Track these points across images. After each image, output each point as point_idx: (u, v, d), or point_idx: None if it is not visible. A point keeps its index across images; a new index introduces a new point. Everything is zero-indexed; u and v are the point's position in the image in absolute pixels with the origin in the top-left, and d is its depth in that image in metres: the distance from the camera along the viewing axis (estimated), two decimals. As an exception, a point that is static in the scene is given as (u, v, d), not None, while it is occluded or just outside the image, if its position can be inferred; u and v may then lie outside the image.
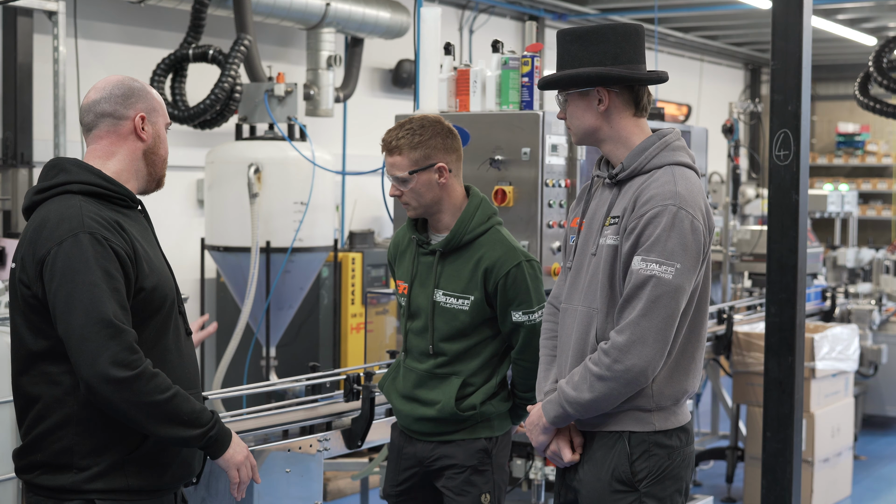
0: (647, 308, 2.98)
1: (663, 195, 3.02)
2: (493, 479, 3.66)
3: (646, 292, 2.98)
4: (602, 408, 3.08)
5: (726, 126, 8.71)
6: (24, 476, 2.94)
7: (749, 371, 6.60)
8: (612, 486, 3.10)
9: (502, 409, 3.68)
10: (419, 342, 3.67)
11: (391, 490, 3.78)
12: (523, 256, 3.60)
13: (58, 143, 6.73)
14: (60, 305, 2.74)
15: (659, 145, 3.13)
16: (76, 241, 2.75)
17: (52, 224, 2.79)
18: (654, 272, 2.97)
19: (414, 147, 3.56)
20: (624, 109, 3.16)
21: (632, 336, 2.98)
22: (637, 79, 3.14)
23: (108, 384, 2.72)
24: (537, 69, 4.91)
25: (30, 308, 2.82)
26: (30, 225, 2.87)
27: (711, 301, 3.26)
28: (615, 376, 3.00)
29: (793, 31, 4.37)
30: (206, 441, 2.88)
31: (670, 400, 3.10)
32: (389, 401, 3.79)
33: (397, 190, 3.60)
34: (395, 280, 3.80)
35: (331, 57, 8.51)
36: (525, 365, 3.64)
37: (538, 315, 3.59)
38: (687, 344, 3.11)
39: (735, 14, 12.30)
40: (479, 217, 3.63)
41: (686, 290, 3.01)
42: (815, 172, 16.16)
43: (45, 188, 2.88)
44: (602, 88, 3.14)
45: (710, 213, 3.11)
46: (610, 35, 3.14)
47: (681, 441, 3.14)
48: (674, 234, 2.98)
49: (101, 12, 7.67)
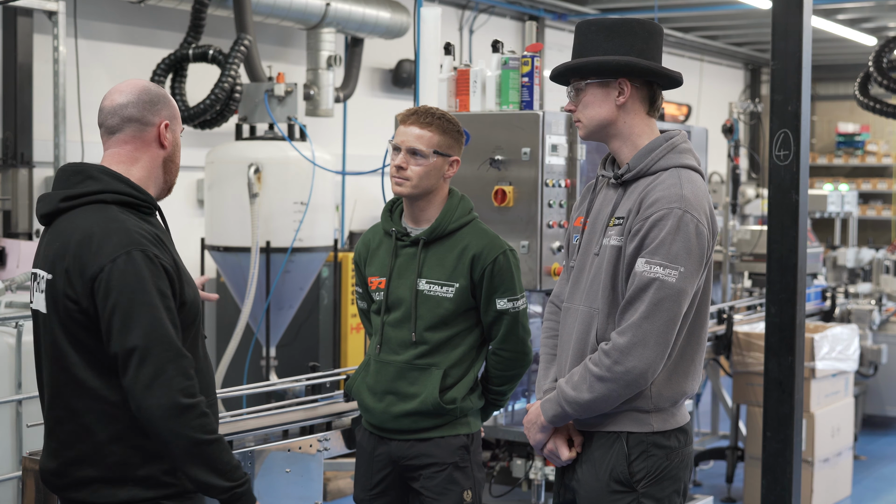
0: (649, 311, 2.97)
1: (669, 198, 3.01)
2: (474, 476, 3.66)
3: (649, 295, 2.98)
4: (601, 408, 3.07)
5: (726, 126, 8.71)
6: (76, 493, 2.81)
7: (749, 371, 6.60)
8: (610, 486, 3.10)
9: (478, 406, 3.70)
10: (398, 333, 3.65)
11: (364, 495, 3.74)
12: (506, 246, 3.66)
13: (58, 143, 6.73)
14: (117, 324, 2.68)
15: (665, 147, 3.12)
16: (130, 258, 2.70)
17: (100, 238, 2.72)
18: (658, 275, 2.97)
19: (445, 132, 3.62)
20: (640, 106, 3.16)
21: (633, 338, 2.98)
22: (665, 74, 3.14)
23: (162, 409, 2.66)
24: (537, 69, 4.92)
25: (74, 323, 2.75)
26: (68, 235, 2.78)
27: (711, 301, 3.25)
28: (615, 377, 3.00)
29: (793, 31, 4.37)
30: (231, 497, 2.79)
31: (669, 401, 3.10)
32: (359, 400, 3.74)
33: (405, 162, 3.60)
34: (367, 278, 3.76)
35: (331, 57, 8.51)
36: (505, 355, 3.66)
37: (521, 303, 3.65)
38: (686, 346, 3.11)
39: (735, 14, 12.30)
40: (462, 209, 3.68)
41: (689, 293, 3.01)
42: (815, 172, 16.16)
43: (73, 196, 2.81)
44: (625, 80, 3.12)
45: (713, 217, 3.11)
46: (637, 29, 3.14)
47: (679, 442, 3.13)
48: (679, 237, 2.98)
49: (101, 12, 7.67)
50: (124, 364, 2.69)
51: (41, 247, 2.88)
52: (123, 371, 2.69)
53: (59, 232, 2.81)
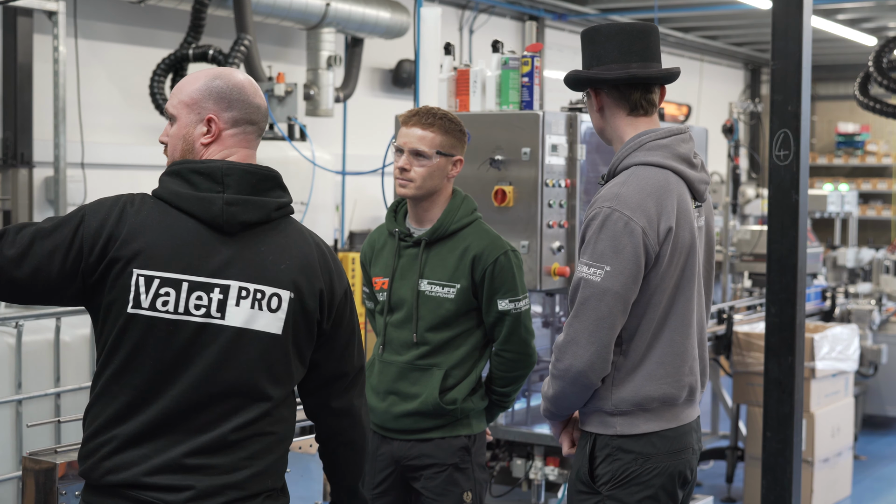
0: (577, 310, 2.99)
1: (603, 197, 3.01)
2: (475, 477, 3.66)
3: (578, 294, 2.99)
4: (563, 405, 3.10)
5: (726, 126, 8.71)
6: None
7: (749, 371, 6.60)
8: (577, 485, 3.11)
9: (481, 407, 3.70)
10: (400, 333, 3.66)
11: (367, 494, 3.75)
12: (508, 246, 3.66)
13: (58, 143, 6.74)
14: (346, 339, 2.71)
15: (631, 146, 3.08)
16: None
17: (329, 254, 2.69)
18: (584, 274, 2.98)
19: (447, 132, 3.61)
20: (617, 110, 3.14)
21: (566, 336, 3.01)
22: (601, 80, 3.10)
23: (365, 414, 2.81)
24: (537, 69, 4.92)
25: (302, 341, 2.62)
26: (296, 250, 2.61)
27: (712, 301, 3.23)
28: (559, 375, 3.03)
29: (793, 31, 4.37)
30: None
31: (631, 405, 3.04)
32: None
33: (408, 163, 3.60)
34: (372, 278, 3.78)
35: (331, 57, 8.51)
36: (508, 356, 3.67)
37: (523, 304, 3.65)
38: (652, 349, 3.04)
39: (735, 14, 12.31)
40: (465, 209, 3.68)
41: (618, 292, 2.95)
42: (815, 172, 16.16)
43: (282, 205, 2.63)
44: (591, 90, 3.15)
45: (666, 212, 2.99)
46: (594, 35, 3.15)
47: (655, 447, 3.05)
48: (603, 236, 2.95)
49: (101, 12, 7.67)
50: (344, 378, 2.73)
51: (241, 256, 2.55)
52: (341, 385, 2.74)
53: (275, 245, 2.59)
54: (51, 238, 2.47)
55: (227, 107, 2.61)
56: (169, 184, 2.55)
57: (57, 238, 2.47)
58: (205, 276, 2.50)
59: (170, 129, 2.64)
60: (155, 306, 2.47)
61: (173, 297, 2.48)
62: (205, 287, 2.50)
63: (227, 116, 2.61)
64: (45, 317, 4.75)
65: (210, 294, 2.49)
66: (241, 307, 2.51)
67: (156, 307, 2.47)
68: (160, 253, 2.48)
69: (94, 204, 2.55)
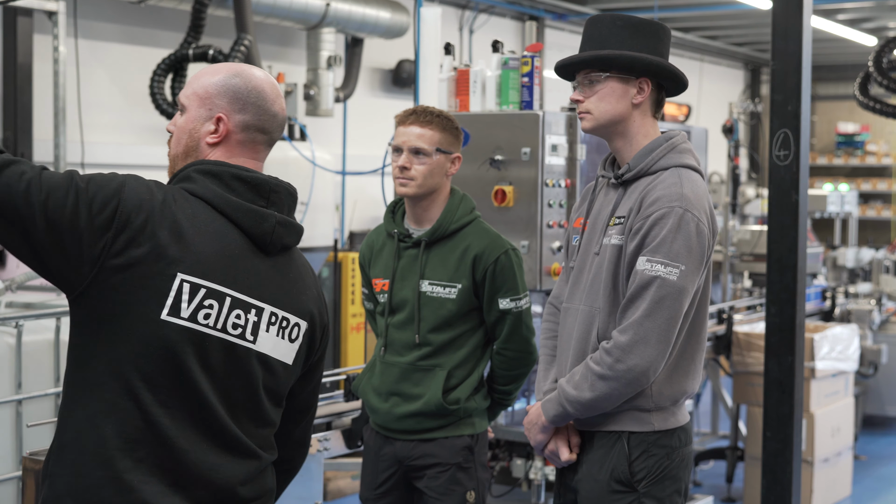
0: (650, 308, 2.98)
1: (670, 197, 3.03)
2: (478, 477, 3.66)
3: (650, 293, 2.98)
4: (602, 407, 3.07)
5: (726, 126, 8.71)
6: None
7: (749, 371, 6.60)
8: (611, 486, 3.10)
9: (483, 406, 3.70)
10: (402, 335, 3.66)
11: (369, 494, 3.75)
12: (508, 245, 3.66)
13: (58, 143, 6.73)
14: (321, 372, 2.58)
15: (665, 147, 3.13)
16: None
17: (319, 287, 2.57)
18: (659, 273, 2.98)
19: (445, 129, 3.61)
20: (650, 107, 3.18)
21: (635, 336, 2.99)
22: (682, 80, 3.20)
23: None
24: (537, 69, 4.92)
25: (300, 370, 2.49)
26: (310, 279, 2.48)
27: (711, 301, 3.26)
28: (617, 376, 3.00)
29: (793, 31, 4.37)
30: None
31: (669, 400, 3.10)
32: (365, 400, 3.75)
33: (409, 162, 3.59)
34: (371, 280, 3.77)
35: (331, 57, 8.51)
36: (509, 355, 3.67)
37: (524, 302, 3.66)
38: (687, 345, 3.12)
39: (735, 14, 12.30)
40: (464, 208, 3.67)
41: (689, 291, 3.02)
42: (815, 172, 16.16)
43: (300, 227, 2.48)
44: (646, 80, 3.14)
45: (713, 217, 3.12)
46: (660, 32, 3.20)
47: (680, 441, 3.14)
48: (679, 236, 2.99)
49: (101, 12, 7.67)
50: (307, 419, 2.61)
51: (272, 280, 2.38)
52: (303, 424, 2.60)
53: (298, 272, 2.46)
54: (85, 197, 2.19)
55: (240, 108, 2.39)
56: (210, 184, 2.31)
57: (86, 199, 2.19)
58: (245, 293, 2.31)
59: (178, 118, 2.42)
60: (196, 318, 2.24)
61: (215, 311, 2.27)
62: (244, 306, 2.31)
63: (237, 119, 2.39)
64: (45, 317, 4.75)
65: (248, 314, 2.31)
66: (270, 333, 2.35)
67: (196, 319, 2.24)
68: (209, 261, 2.26)
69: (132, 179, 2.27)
